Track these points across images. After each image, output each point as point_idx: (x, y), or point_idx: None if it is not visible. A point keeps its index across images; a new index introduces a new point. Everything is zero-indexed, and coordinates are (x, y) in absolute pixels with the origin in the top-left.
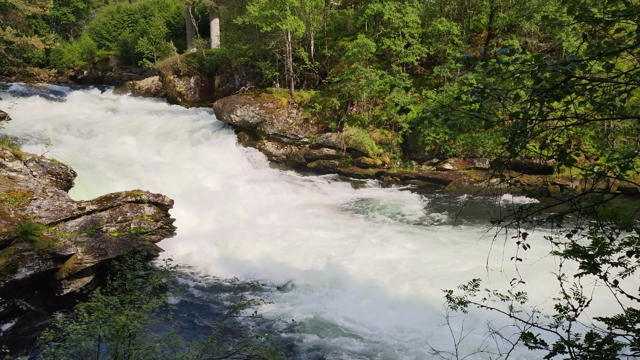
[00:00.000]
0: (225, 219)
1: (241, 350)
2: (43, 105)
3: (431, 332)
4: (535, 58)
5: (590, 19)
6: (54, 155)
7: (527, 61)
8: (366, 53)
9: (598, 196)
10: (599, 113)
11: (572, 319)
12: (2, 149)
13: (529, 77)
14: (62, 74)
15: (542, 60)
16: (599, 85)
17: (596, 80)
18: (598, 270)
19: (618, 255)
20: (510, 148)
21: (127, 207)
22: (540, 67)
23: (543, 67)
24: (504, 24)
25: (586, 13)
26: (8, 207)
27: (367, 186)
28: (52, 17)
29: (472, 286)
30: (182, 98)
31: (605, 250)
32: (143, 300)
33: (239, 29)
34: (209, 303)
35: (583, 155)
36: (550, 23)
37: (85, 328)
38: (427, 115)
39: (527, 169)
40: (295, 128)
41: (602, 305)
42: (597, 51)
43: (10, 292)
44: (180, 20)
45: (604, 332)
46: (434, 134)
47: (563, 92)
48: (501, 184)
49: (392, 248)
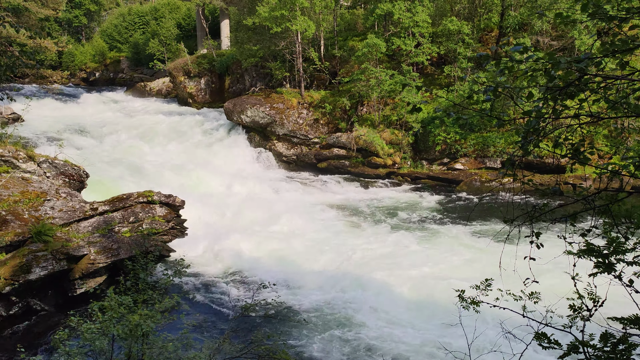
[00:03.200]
0: (236, 220)
1: (253, 349)
2: (56, 107)
3: (443, 332)
4: (549, 55)
5: (604, 16)
6: (66, 157)
7: (540, 59)
8: (376, 53)
9: (612, 195)
10: (613, 111)
11: (587, 319)
12: (16, 150)
13: (542, 75)
14: (74, 76)
15: (555, 57)
16: (613, 83)
17: (610, 77)
18: (613, 269)
19: (633, 255)
20: (523, 147)
21: (139, 208)
22: (554, 65)
23: (557, 65)
24: (515, 22)
25: (600, 10)
26: (22, 208)
27: (378, 186)
28: (64, 19)
29: (484, 286)
30: (193, 99)
31: (620, 250)
32: (156, 300)
33: (249, 30)
34: (220, 303)
35: (597, 154)
36: (563, 21)
37: (99, 327)
38: (439, 115)
39: (540, 168)
40: (305, 128)
41: (616, 305)
42: (611, 48)
43: (25, 292)
44: (190, 21)
45: (618, 332)
46: (444, 134)
47: (577, 90)
48: (513, 183)
49: (403, 248)
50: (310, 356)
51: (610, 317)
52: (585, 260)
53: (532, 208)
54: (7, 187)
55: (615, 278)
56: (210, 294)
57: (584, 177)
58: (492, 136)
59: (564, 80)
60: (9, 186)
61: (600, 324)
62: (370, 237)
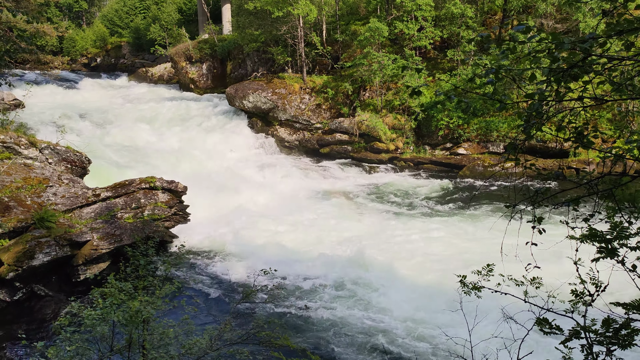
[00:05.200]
0: (239, 206)
1: (254, 335)
2: (57, 92)
3: (444, 318)
4: (553, 36)
5: None
6: (68, 143)
7: (544, 39)
8: (378, 37)
9: (616, 179)
10: (617, 94)
11: (589, 304)
12: (18, 136)
13: (545, 57)
14: (75, 61)
15: (559, 38)
16: (618, 64)
17: (615, 59)
18: (616, 254)
19: (636, 240)
20: (525, 130)
21: (141, 194)
22: (557, 46)
23: (561, 46)
24: (519, 5)
25: None
26: (24, 194)
27: (380, 171)
28: (65, 4)
29: (486, 271)
30: (195, 84)
31: (623, 235)
32: (156, 286)
33: (250, 15)
34: (222, 289)
35: (600, 138)
36: (568, 2)
37: (100, 314)
38: (440, 99)
39: (543, 152)
40: (307, 114)
41: (619, 290)
42: (616, 29)
43: (28, 278)
44: (191, 6)
45: (621, 318)
46: (447, 119)
47: (581, 71)
48: (516, 167)
49: (405, 233)
50: (311, 341)
51: (612, 302)
52: (588, 245)
53: (534, 192)
54: (10, 173)
55: (618, 263)
56: (211, 279)
57: (587, 161)
58: (495, 121)
59: (568, 61)
60: (11, 172)
61: (602, 310)
62: (372, 222)
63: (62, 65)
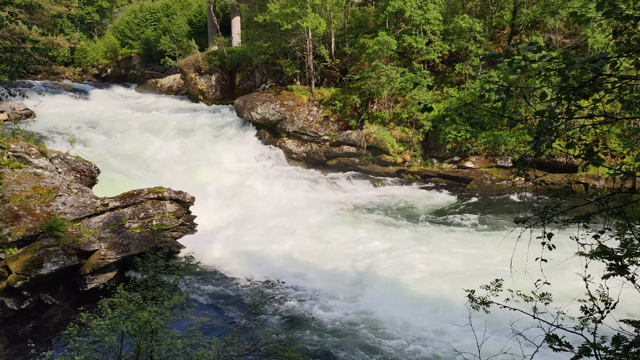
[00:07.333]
0: (246, 217)
1: (261, 347)
2: (68, 103)
3: (453, 333)
4: (563, 55)
5: (620, 15)
6: (78, 153)
7: (554, 59)
8: (387, 50)
9: (626, 196)
10: (627, 111)
11: (598, 321)
12: (29, 146)
13: (555, 75)
14: (86, 72)
15: (570, 57)
16: (628, 83)
17: (626, 77)
18: (626, 272)
19: None
20: (535, 147)
21: (149, 204)
22: (568, 65)
23: (571, 65)
24: (528, 20)
25: (616, 9)
26: (34, 203)
27: (388, 184)
28: (77, 16)
29: (494, 286)
30: (204, 96)
31: (633, 252)
32: (165, 296)
33: (259, 27)
34: (229, 300)
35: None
36: (577, 20)
37: (109, 323)
38: (450, 114)
39: (551, 167)
40: (315, 126)
41: (629, 307)
42: (626, 48)
43: (36, 286)
44: (201, 18)
45: (631, 335)
46: (455, 132)
47: (591, 90)
48: (525, 183)
49: (413, 247)
50: (319, 353)
51: (622, 319)
52: (598, 262)
53: (544, 208)
54: (20, 182)
55: (628, 280)
56: (219, 290)
57: (597, 176)
58: (503, 134)
59: (579, 80)
60: (22, 181)
61: (612, 327)
62: (380, 237)
63: (73, 76)
